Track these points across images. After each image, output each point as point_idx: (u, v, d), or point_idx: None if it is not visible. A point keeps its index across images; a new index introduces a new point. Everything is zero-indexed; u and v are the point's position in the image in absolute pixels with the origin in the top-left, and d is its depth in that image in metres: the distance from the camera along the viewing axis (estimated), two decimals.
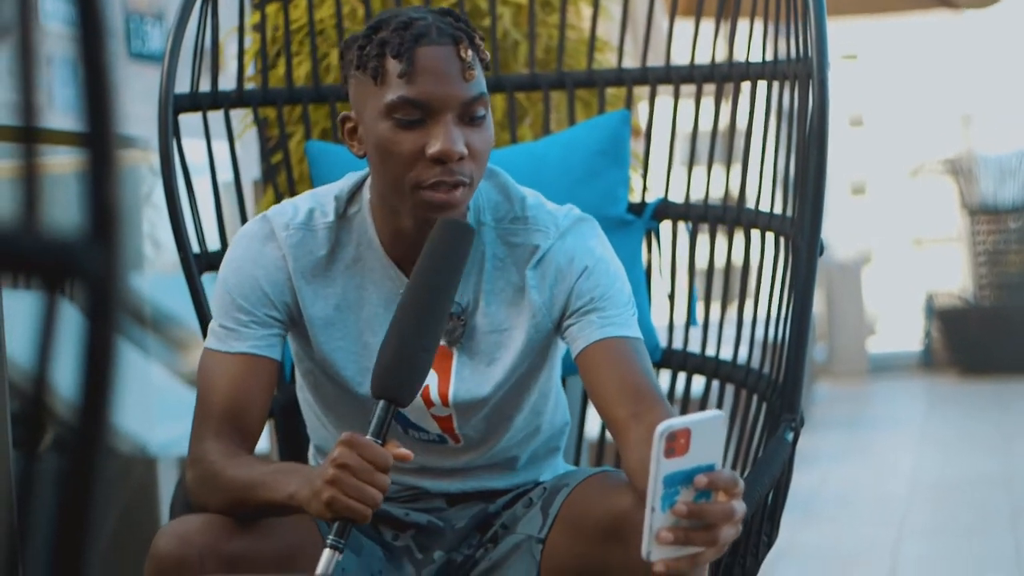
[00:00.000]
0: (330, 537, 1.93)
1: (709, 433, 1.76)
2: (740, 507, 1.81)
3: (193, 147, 2.73)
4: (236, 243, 2.21)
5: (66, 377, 0.76)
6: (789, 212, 2.62)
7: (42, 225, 0.75)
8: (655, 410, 2.04)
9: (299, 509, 1.97)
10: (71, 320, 0.76)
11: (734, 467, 2.61)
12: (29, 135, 0.76)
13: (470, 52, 2.10)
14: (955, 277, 11.54)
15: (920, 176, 12.02)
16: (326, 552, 1.93)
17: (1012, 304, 10.02)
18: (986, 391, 9.11)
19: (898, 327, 11.90)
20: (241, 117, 3.30)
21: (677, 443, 1.74)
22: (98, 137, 0.77)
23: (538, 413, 2.29)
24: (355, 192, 2.22)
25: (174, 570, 1.98)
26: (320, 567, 1.93)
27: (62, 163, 3.40)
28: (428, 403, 2.20)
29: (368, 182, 2.20)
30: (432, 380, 2.20)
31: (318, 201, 2.22)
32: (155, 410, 4.22)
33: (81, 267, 0.75)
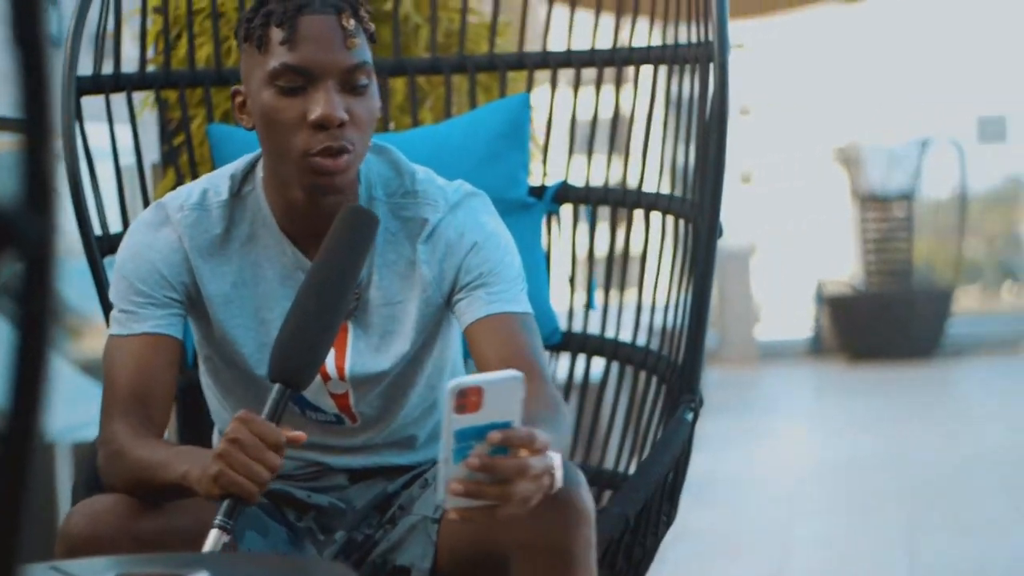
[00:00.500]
0: (218, 517, 1.93)
1: (504, 393, 1.80)
2: (538, 463, 1.81)
3: (92, 131, 2.72)
4: (131, 231, 2.22)
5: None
6: (688, 195, 2.66)
7: None
8: (536, 385, 2.05)
9: (191, 490, 1.96)
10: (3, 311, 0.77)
11: (633, 447, 2.64)
12: None
13: (352, 21, 2.13)
14: (844, 265, 11.69)
15: (810, 165, 12.14)
16: (213, 532, 1.92)
17: (899, 291, 10.17)
18: (874, 376, 9.24)
19: (788, 314, 12.02)
20: (141, 99, 3.28)
21: (468, 400, 1.78)
22: (34, 114, 0.78)
23: (433, 388, 2.30)
24: (249, 171, 2.24)
25: (86, 549, 1.97)
26: (206, 548, 1.92)
27: None
28: (325, 377, 2.22)
29: (262, 160, 2.22)
30: (328, 354, 2.21)
31: (212, 182, 2.24)
32: (51, 397, 4.19)
33: (20, 233, 0.77)
